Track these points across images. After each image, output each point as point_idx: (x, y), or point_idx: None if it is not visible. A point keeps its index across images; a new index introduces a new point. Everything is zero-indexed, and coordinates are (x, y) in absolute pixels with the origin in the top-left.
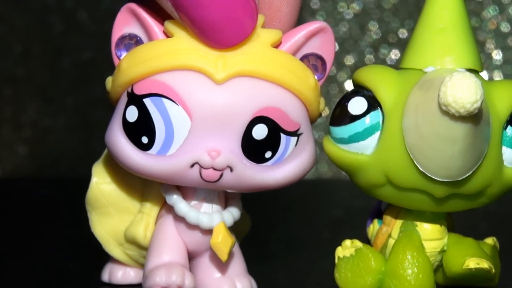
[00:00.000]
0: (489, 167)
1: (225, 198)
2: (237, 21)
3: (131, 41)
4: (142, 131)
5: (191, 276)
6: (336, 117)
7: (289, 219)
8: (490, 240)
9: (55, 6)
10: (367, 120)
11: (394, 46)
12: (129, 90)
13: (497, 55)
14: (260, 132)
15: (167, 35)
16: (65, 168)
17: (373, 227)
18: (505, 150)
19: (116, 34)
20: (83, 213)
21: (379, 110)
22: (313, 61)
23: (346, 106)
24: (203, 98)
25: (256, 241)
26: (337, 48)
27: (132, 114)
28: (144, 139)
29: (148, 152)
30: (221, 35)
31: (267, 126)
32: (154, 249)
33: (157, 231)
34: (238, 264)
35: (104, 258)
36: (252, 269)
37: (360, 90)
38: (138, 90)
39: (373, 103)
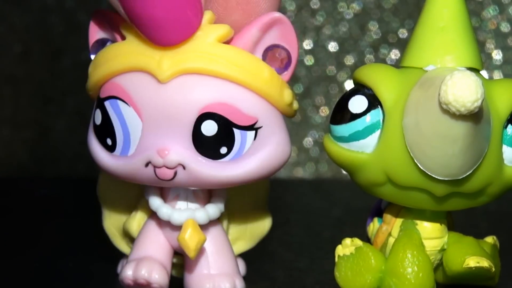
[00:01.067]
0: (489, 166)
1: (208, 196)
2: (180, 18)
3: (103, 46)
4: (106, 133)
5: (162, 271)
6: (337, 115)
7: (289, 218)
8: (490, 239)
9: (55, 6)
10: (368, 118)
11: (394, 46)
12: (98, 93)
13: (497, 55)
14: (209, 128)
15: (123, 38)
16: (65, 168)
17: (373, 225)
18: (505, 149)
19: (92, 38)
20: (83, 212)
21: (379, 108)
22: (277, 53)
23: (347, 104)
24: (150, 97)
25: None
26: (337, 48)
27: (98, 117)
28: (109, 141)
29: (114, 153)
30: (163, 33)
31: (216, 121)
32: (135, 243)
33: (143, 226)
34: (226, 263)
35: (104, 258)
36: (252, 268)
37: (360, 88)
38: (102, 94)
39: (374, 102)
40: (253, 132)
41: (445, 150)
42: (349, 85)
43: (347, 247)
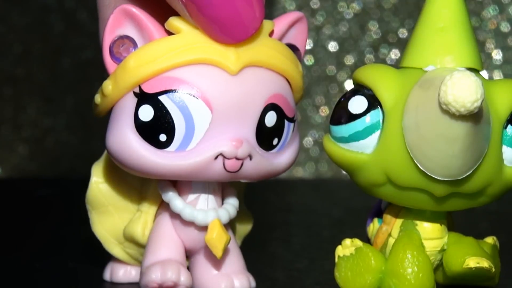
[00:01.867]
0: (489, 166)
1: (222, 195)
2: (247, 16)
3: (124, 43)
4: (160, 129)
5: (187, 272)
6: (336, 116)
7: (289, 219)
8: (490, 239)
9: (55, 6)
10: (367, 119)
11: (394, 46)
12: (136, 90)
13: (497, 55)
14: (271, 119)
15: (170, 32)
16: (65, 168)
17: (373, 226)
18: (505, 149)
19: (109, 36)
20: (83, 213)
21: (379, 109)
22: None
23: (347, 105)
24: (221, 89)
25: (256, 241)
26: (337, 48)
27: (146, 113)
28: (162, 137)
29: (167, 149)
30: (233, 32)
31: (276, 113)
32: (150, 246)
33: (154, 229)
34: (236, 262)
35: (104, 257)
36: (252, 268)
37: (360, 89)
38: (150, 89)
39: (373, 102)
40: (293, 124)
41: (445, 151)
42: (349, 85)
43: (347, 247)
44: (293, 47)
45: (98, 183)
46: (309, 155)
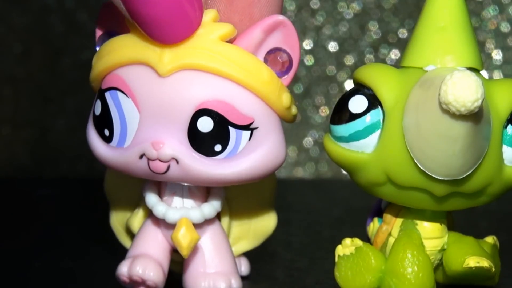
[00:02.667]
0: (489, 166)
1: (206, 195)
2: (180, 17)
3: (109, 38)
4: (104, 124)
5: (157, 269)
6: (337, 115)
7: (289, 218)
8: (490, 239)
9: (55, 6)
10: (368, 118)
11: (394, 46)
12: (101, 85)
13: (497, 55)
14: (205, 124)
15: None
16: (65, 168)
17: (373, 225)
18: (505, 149)
19: (98, 31)
20: (83, 212)
21: (379, 108)
22: (280, 56)
23: (347, 104)
24: (148, 90)
25: None
26: (337, 48)
27: (98, 107)
28: (106, 132)
29: (110, 144)
30: (163, 32)
31: (212, 118)
32: (133, 241)
33: (142, 225)
34: (223, 262)
35: (104, 257)
36: (253, 268)
37: (360, 88)
38: (103, 85)
39: (374, 102)
40: (249, 132)
41: (445, 150)
42: (349, 85)
43: (347, 247)
44: (275, 49)
45: (112, 177)
46: (309, 155)
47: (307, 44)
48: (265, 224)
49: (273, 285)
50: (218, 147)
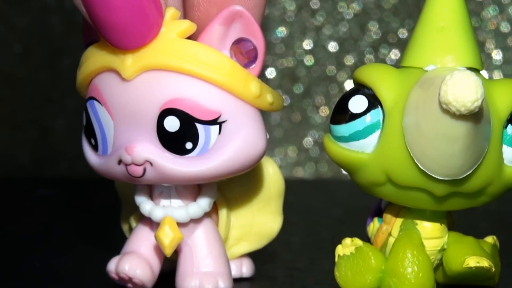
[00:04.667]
0: (489, 166)
1: (196, 194)
2: (141, 23)
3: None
4: (89, 134)
5: (145, 267)
6: (337, 115)
7: (289, 218)
8: (490, 239)
9: (55, 6)
10: (368, 118)
11: (394, 46)
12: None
13: (497, 55)
14: (171, 124)
15: None
16: (65, 168)
17: (373, 225)
18: (505, 149)
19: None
20: (83, 213)
21: (379, 108)
22: (243, 45)
23: (347, 104)
24: (117, 95)
25: None
26: (337, 48)
27: (84, 117)
28: (92, 141)
29: (98, 152)
30: (125, 37)
31: (178, 117)
32: (127, 239)
33: (137, 224)
34: (213, 262)
35: (104, 257)
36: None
37: (360, 88)
38: (86, 95)
39: (374, 102)
40: (217, 126)
41: (445, 150)
42: (349, 85)
43: (347, 247)
44: (239, 40)
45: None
46: (309, 155)
47: (307, 44)
48: (268, 226)
49: (273, 285)
50: (189, 145)
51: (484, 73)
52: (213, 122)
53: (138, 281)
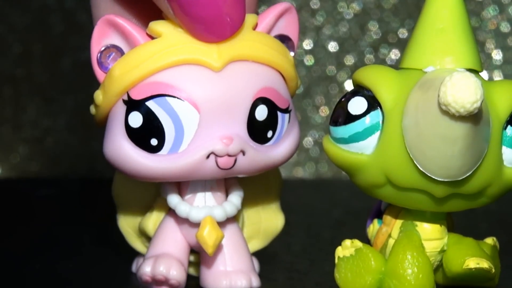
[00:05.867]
0: (489, 167)
1: (225, 193)
2: (231, 14)
3: (111, 52)
4: (150, 134)
5: (180, 268)
6: (336, 117)
7: (289, 219)
8: (490, 240)
9: (55, 6)
10: (367, 120)
11: (394, 46)
12: (125, 97)
13: (497, 55)
14: (262, 113)
15: (152, 37)
16: (65, 168)
17: (373, 227)
18: (505, 150)
19: (96, 47)
20: (83, 213)
21: (379, 110)
22: (287, 42)
23: (346, 106)
24: (207, 88)
25: None
26: (337, 48)
27: (136, 119)
28: (154, 141)
29: (159, 153)
30: (218, 30)
31: (267, 106)
32: (152, 241)
33: (160, 225)
34: (240, 260)
35: (104, 257)
36: None
37: (360, 90)
38: (137, 95)
39: (373, 103)
40: (288, 115)
41: (445, 151)
42: (349, 85)
43: (347, 248)
44: (283, 37)
45: (121, 179)
46: (309, 155)
47: (307, 44)
48: (273, 223)
49: (273, 286)
50: (270, 133)
51: (484, 73)
52: (286, 110)
53: (175, 282)
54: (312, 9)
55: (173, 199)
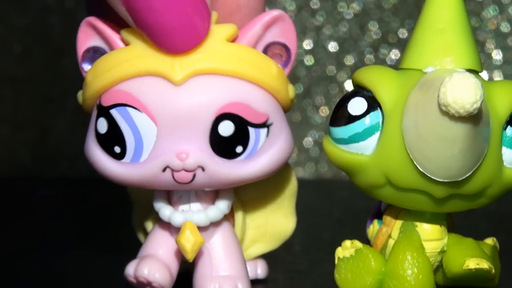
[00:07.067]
0: (489, 167)
1: (214, 197)
2: (190, 25)
3: (95, 54)
4: (113, 141)
5: (164, 271)
6: (336, 117)
7: None
8: (490, 241)
9: (55, 6)
10: (367, 120)
11: (394, 46)
12: (98, 102)
13: (497, 55)
14: (226, 128)
15: (126, 44)
16: (65, 168)
17: (373, 227)
18: (504, 150)
19: (81, 48)
20: (83, 213)
21: (379, 110)
22: (277, 50)
23: (346, 106)
24: (164, 101)
25: None
26: (337, 48)
27: (102, 125)
28: (117, 149)
29: (123, 160)
30: (174, 40)
31: (233, 122)
32: (144, 243)
33: (153, 227)
34: (231, 265)
35: (105, 257)
36: None
37: (360, 90)
38: (105, 102)
39: (373, 104)
40: (266, 129)
41: (445, 152)
42: (349, 85)
43: (347, 249)
44: (279, 45)
45: None
46: (309, 155)
47: (307, 44)
48: (283, 227)
49: (273, 286)
50: (239, 149)
51: (484, 73)
52: (263, 125)
53: (157, 285)
54: (312, 9)
55: (158, 203)
